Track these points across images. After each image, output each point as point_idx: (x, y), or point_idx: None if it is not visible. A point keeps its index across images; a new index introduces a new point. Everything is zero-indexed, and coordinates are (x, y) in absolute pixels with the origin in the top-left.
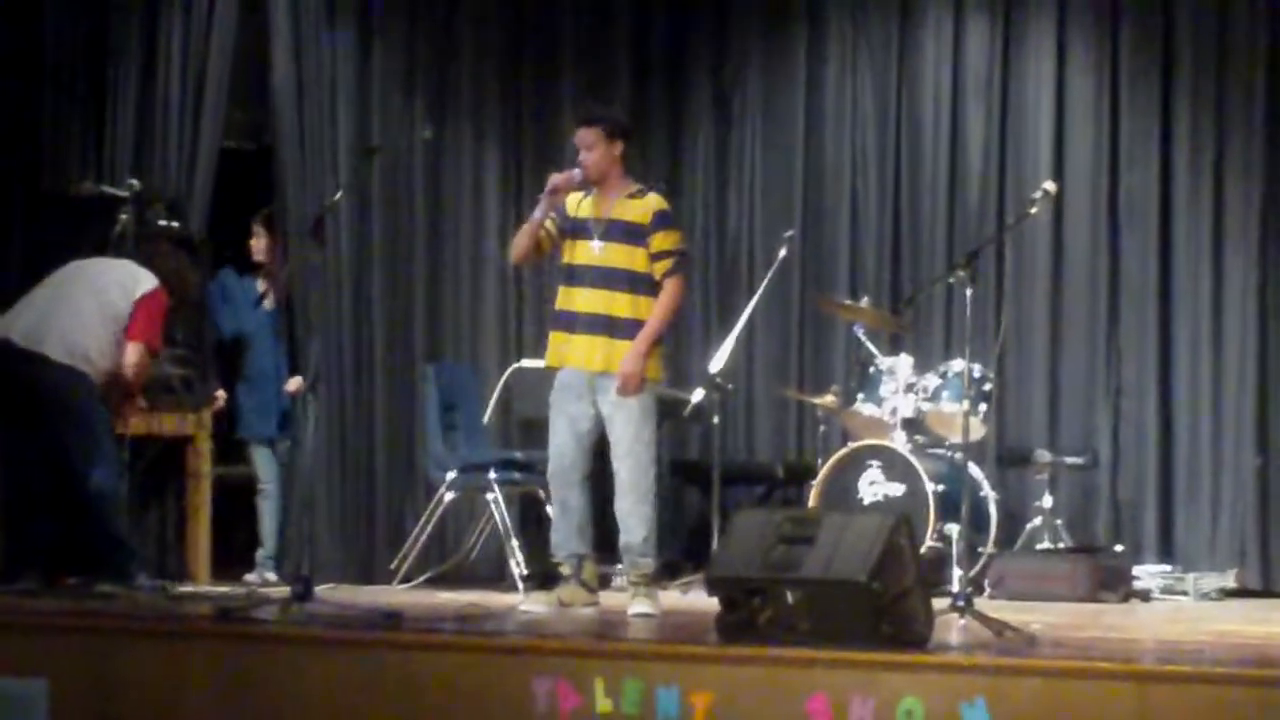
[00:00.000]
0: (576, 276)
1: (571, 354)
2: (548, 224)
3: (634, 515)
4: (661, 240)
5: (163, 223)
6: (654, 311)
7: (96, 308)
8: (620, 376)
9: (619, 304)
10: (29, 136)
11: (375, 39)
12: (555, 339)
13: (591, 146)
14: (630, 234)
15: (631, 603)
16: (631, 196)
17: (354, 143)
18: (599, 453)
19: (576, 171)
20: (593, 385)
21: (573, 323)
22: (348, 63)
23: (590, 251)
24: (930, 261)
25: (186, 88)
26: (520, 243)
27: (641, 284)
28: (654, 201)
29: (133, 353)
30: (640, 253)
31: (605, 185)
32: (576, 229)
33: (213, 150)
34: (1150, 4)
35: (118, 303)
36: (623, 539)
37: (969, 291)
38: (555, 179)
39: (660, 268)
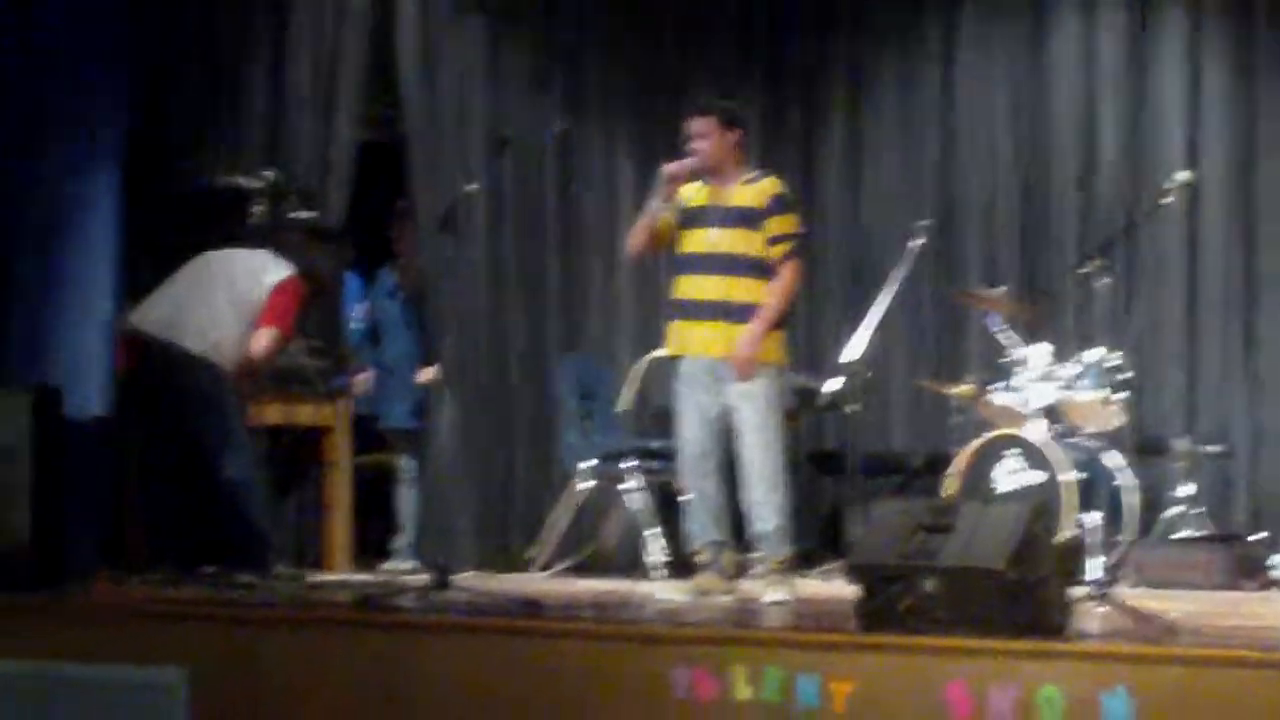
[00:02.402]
0: (694, 264)
1: (692, 342)
2: (664, 214)
3: (765, 504)
4: (779, 224)
5: (296, 214)
6: (770, 294)
7: (229, 298)
8: (735, 360)
9: (738, 289)
10: (163, 129)
11: (506, 30)
12: (675, 327)
13: (706, 135)
14: (747, 219)
15: (766, 590)
16: (747, 182)
17: (487, 134)
18: (729, 440)
19: (691, 160)
20: (715, 372)
21: (691, 310)
22: (479, 54)
23: (707, 239)
24: (1064, 251)
25: (320, 78)
26: (638, 235)
27: (759, 269)
28: (770, 185)
29: (263, 338)
30: (758, 237)
31: (721, 173)
32: (693, 217)
33: (348, 141)
34: None
35: (250, 292)
36: (755, 527)
37: (1104, 281)
38: (669, 168)
39: (778, 251)
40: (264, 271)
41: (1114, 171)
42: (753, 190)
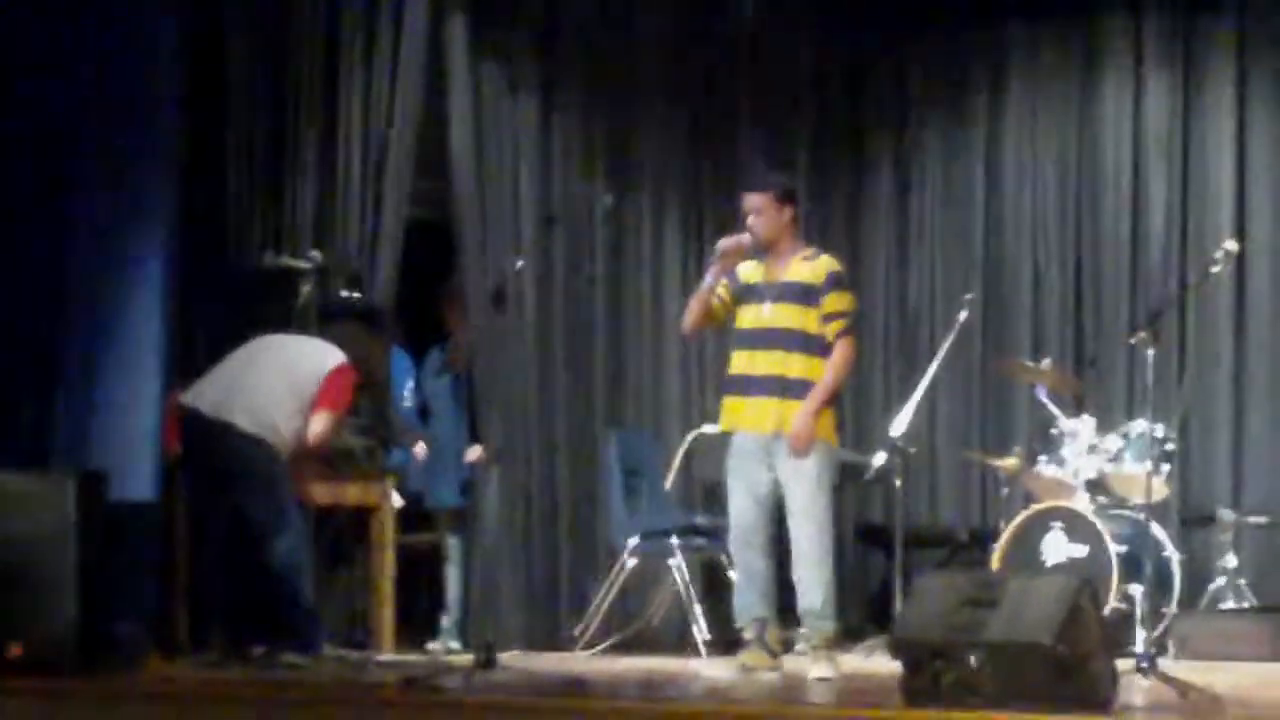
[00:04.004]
0: (750, 340)
1: (746, 418)
2: (720, 290)
3: (813, 579)
4: (834, 301)
5: (345, 294)
6: (826, 372)
7: (285, 383)
8: (791, 436)
9: (792, 365)
10: (213, 210)
11: (556, 108)
12: (729, 404)
13: (760, 211)
14: (803, 295)
15: (812, 667)
16: (804, 259)
17: (535, 211)
18: (778, 516)
19: (746, 236)
20: (768, 448)
21: (746, 386)
22: (528, 131)
23: (762, 314)
24: (1112, 322)
25: (369, 158)
26: (694, 310)
27: (814, 345)
28: (826, 263)
29: (319, 421)
30: (812, 314)
31: (776, 249)
32: (749, 293)
33: (397, 220)
34: None
35: (306, 379)
36: (802, 603)
37: (1151, 352)
38: (724, 244)
39: (833, 328)
40: (318, 357)
41: (1163, 240)
42: (809, 267)
